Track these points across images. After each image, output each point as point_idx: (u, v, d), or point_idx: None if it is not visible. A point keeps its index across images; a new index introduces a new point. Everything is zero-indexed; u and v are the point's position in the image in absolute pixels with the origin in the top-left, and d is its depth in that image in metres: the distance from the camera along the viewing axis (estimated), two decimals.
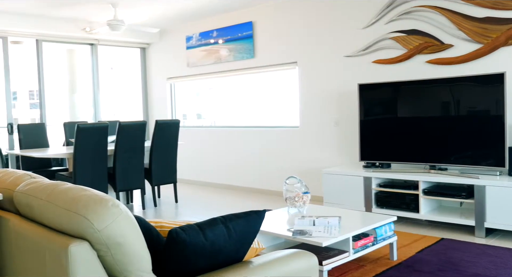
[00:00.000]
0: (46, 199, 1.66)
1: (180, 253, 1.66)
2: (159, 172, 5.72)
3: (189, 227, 1.71)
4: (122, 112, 9.10)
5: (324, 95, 5.78)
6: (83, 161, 5.00)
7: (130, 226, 1.54)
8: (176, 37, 7.73)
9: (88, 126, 5.03)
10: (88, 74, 7.90)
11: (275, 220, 3.46)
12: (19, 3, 5.88)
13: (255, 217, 1.87)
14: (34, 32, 6.82)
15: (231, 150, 6.98)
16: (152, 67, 8.28)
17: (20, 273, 1.73)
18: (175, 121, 5.79)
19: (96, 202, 1.52)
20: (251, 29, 6.51)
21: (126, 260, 1.53)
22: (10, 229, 1.78)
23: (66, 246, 1.45)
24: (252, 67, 6.60)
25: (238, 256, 1.85)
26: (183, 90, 7.99)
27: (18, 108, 9.59)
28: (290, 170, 6.21)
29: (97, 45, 7.73)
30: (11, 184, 1.97)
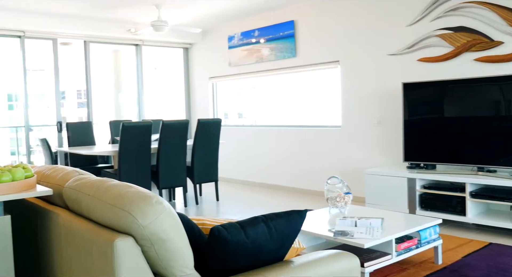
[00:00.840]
0: (93, 195, 1.71)
1: (222, 251, 1.67)
2: (200, 170, 5.79)
3: (230, 226, 1.72)
4: (165, 111, 9.26)
5: (367, 94, 5.69)
6: (128, 159, 5.13)
7: (173, 223, 1.56)
8: (218, 37, 7.80)
9: (133, 124, 5.15)
10: (132, 74, 8.08)
11: (316, 220, 3.44)
12: (68, 6, 6.09)
13: (296, 217, 1.86)
14: (82, 33, 7.04)
15: (272, 149, 6.98)
16: (194, 67, 8.39)
17: (69, 264, 1.80)
18: (216, 120, 5.85)
19: (140, 198, 1.56)
20: (293, 28, 6.49)
21: (169, 256, 1.56)
22: (60, 223, 1.85)
23: (112, 240, 1.49)
24: (293, 66, 6.58)
25: (279, 255, 1.85)
26: (225, 90, 8.05)
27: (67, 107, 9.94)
28: (331, 170, 6.15)
29: (141, 45, 7.90)
30: (61, 180, 2.05)
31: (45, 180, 2.17)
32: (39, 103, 7.88)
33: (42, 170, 2.32)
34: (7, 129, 7.68)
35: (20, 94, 6.91)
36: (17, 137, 7.36)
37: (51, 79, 7.12)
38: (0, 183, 1.84)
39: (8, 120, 8.23)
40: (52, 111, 7.22)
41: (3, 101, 8.40)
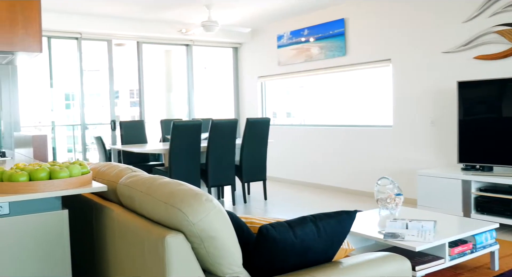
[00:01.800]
0: (145, 192, 1.75)
1: (270, 250, 1.67)
2: (249, 169, 5.82)
3: (279, 225, 1.72)
4: (215, 110, 9.38)
5: (420, 93, 5.54)
6: (178, 157, 5.23)
7: (222, 220, 1.58)
8: (267, 36, 7.82)
9: (183, 123, 5.24)
10: (183, 73, 8.24)
11: (366, 222, 3.38)
12: (122, 8, 6.28)
13: (346, 217, 1.84)
14: (135, 34, 7.24)
15: (320, 148, 6.92)
16: (243, 66, 8.45)
17: (122, 258, 1.85)
18: (265, 119, 5.86)
19: (191, 196, 1.58)
20: (343, 26, 6.41)
21: (218, 253, 1.58)
22: (114, 218, 1.91)
23: (163, 236, 1.52)
24: (343, 65, 6.49)
25: (328, 255, 1.83)
26: (274, 89, 8.06)
27: (120, 106, 10.26)
28: (381, 171, 6.03)
29: (192, 45, 8.03)
30: (115, 177, 2.11)
31: (100, 177, 2.25)
32: (94, 102, 8.18)
33: (97, 167, 2.41)
34: (64, 127, 8.01)
35: (77, 93, 7.19)
36: (74, 135, 7.66)
37: (105, 79, 7.37)
38: (58, 179, 1.92)
39: (65, 119, 8.58)
40: (106, 110, 7.47)
41: (61, 101, 8.76)
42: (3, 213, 1.82)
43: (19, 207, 1.85)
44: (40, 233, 1.89)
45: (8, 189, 1.85)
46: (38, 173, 1.91)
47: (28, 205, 1.87)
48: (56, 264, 1.93)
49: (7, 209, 1.83)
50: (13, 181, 1.86)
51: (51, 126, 7.20)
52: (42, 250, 1.89)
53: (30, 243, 1.87)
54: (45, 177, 1.92)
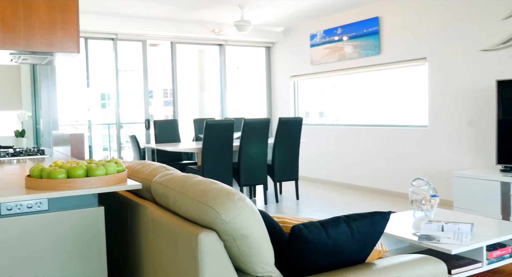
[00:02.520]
0: (179, 190, 1.77)
1: (302, 250, 1.67)
2: (281, 168, 5.82)
3: (311, 225, 1.71)
4: (247, 110, 9.41)
5: (456, 93, 5.41)
6: (211, 156, 5.27)
7: (255, 219, 1.58)
8: (300, 35, 7.78)
9: (216, 122, 5.28)
10: (216, 73, 8.29)
11: (400, 223, 3.32)
12: (156, 8, 6.37)
13: (379, 218, 1.81)
14: (169, 35, 7.33)
15: (353, 148, 6.85)
16: (276, 66, 8.44)
17: (155, 254, 1.88)
18: (297, 118, 5.84)
19: (224, 195, 1.59)
20: (377, 25, 6.32)
21: (250, 252, 1.58)
22: (148, 216, 1.94)
23: (196, 234, 1.54)
24: (377, 64, 6.40)
25: (361, 256, 1.81)
26: (306, 88, 8.02)
27: (154, 106, 10.42)
28: (415, 171, 5.91)
29: (225, 45, 8.08)
30: (149, 175, 2.14)
31: (134, 175, 2.29)
32: (129, 101, 8.33)
33: (132, 165, 2.45)
34: (100, 126, 8.19)
35: (112, 93, 7.35)
36: (109, 134, 7.82)
37: (140, 79, 7.50)
38: (95, 176, 1.97)
39: (101, 118, 8.77)
40: (140, 109, 7.60)
41: (97, 100, 8.96)
42: (42, 209, 1.88)
43: (58, 203, 1.91)
44: (77, 229, 1.94)
45: (47, 186, 1.90)
46: (76, 170, 1.96)
47: (66, 201, 1.92)
48: (92, 259, 1.97)
49: (46, 205, 1.88)
50: (52, 178, 1.92)
51: (88, 125, 7.37)
52: (79, 245, 1.94)
53: (68, 239, 1.92)
54: (82, 175, 1.96)
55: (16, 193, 1.85)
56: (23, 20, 3.17)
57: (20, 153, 3.65)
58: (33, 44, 3.23)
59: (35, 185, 1.93)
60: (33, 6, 3.19)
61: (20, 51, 3.24)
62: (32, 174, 2.00)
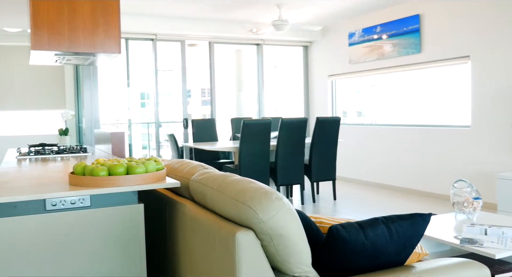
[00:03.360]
0: (217, 189, 1.78)
1: (340, 251, 1.65)
2: (318, 168, 5.78)
3: (349, 225, 1.69)
4: (284, 109, 9.40)
5: (500, 92, 5.22)
6: (248, 155, 5.29)
7: (292, 219, 1.58)
8: (338, 34, 7.71)
9: (253, 122, 5.30)
10: (253, 72, 8.32)
11: (441, 226, 3.24)
12: (195, 9, 6.44)
13: (419, 220, 1.77)
14: (207, 35, 7.41)
15: (391, 148, 6.73)
16: (313, 65, 8.39)
17: (193, 252, 1.90)
18: (335, 118, 5.79)
19: (261, 194, 1.59)
20: (418, 23, 6.18)
21: (287, 251, 1.58)
22: (186, 213, 1.97)
23: (233, 233, 1.54)
24: (418, 63, 6.27)
25: (400, 259, 1.78)
26: (344, 87, 7.93)
27: (192, 105, 10.55)
28: (457, 173, 5.75)
29: (262, 45, 8.09)
30: (188, 173, 2.17)
31: (173, 173, 2.32)
32: (167, 101, 8.47)
33: (170, 163, 2.49)
34: (140, 125, 8.36)
35: (151, 92, 7.48)
36: (148, 133, 7.97)
37: (178, 78, 7.61)
38: (135, 174, 2.01)
39: (141, 117, 8.94)
40: (179, 109, 7.71)
41: (137, 99, 9.15)
42: (85, 205, 1.93)
43: (99, 200, 1.96)
44: (117, 225, 1.98)
45: (89, 183, 1.96)
46: (117, 168, 2.01)
47: (108, 198, 1.97)
48: (132, 254, 2.02)
49: (88, 201, 1.94)
50: (94, 176, 1.97)
51: (128, 124, 7.54)
52: (120, 241, 1.99)
53: (109, 234, 1.97)
54: (123, 172, 2.01)
55: (60, 190, 1.92)
56: (67, 22, 3.27)
57: (64, 150, 3.77)
58: (76, 45, 3.33)
59: (78, 182, 1.99)
60: (77, 8, 3.28)
61: (64, 52, 3.34)
62: (75, 171, 2.06)
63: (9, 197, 1.79)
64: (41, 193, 1.85)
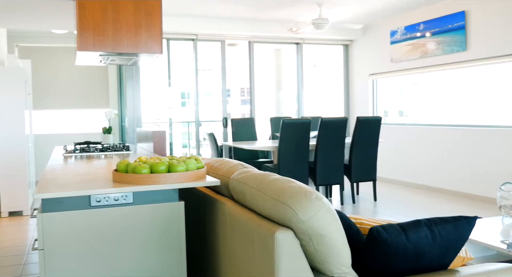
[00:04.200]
0: (256, 188, 1.79)
1: (380, 252, 1.62)
2: (358, 168, 5.70)
3: (390, 227, 1.66)
4: (324, 108, 9.32)
5: None
6: (287, 155, 5.28)
7: (332, 219, 1.56)
8: (379, 32, 7.58)
9: (292, 121, 5.28)
10: (293, 72, 8.30)
11: (486, 229, 3.14)
12: (235, 9, 6.48)
13: (464, 224, 1.72)
14: (247, 34, 7.44)
15: (434, 149, 6.56)
16: (354, 64, 8.29)
17: (232, 250, 1.92)
18: (376, 118, 5.70)
19: (301, 194, 1.58)
20: (463, 19, 6.00)
21: (326, 252, 1.56)
22: (226, 212, 1.98)
23: (272, 232, 1.55)
24: (463, 61, 6.08)
25: (443, 263, 1.73)
26: (385, 86, 7.80)
27: (231, 104, 10.62)
28: (504, 175, 5.55)
29: (302, 44, 8.06)
30: (227, 172, 2.19)
31: (213, 172, 2.34)
32: (207, 100, 8.56)
33: (210, 162, 2.51)
34: (180, 124, 8.48)
35: (192, 92, 7.58)
36: (188, 131, 8.08)
37: (218, 78, 7.67)
38: (176, 172, 2.04)
39: (181, 116, 9.08)
40: (218, 108, 7.78)
41: (177, 99, 9.29)
42: (127, 202, 1.98)
43: (141, 197, 2.00)
44: (159, 222, 2.02)
45: (132, 180, 2.01)
46: (159, 166, 2.04)
47: (149, 195, 2.01)
48: (172, 251, 2.05)
49: (131, 198, 1.98)
50: (137, 173, 2.01)
51: (169, 123, 7.66)
52: (160, 237, 2.03)
53: (150, 231, 2.01)
54: (164, 170, 2.05)
55: (104, 186, 1.97)
56: (111, 23, 3.36)
57: (108, 148, 3.88)
58: (120, 46, 3.41)
59: (121, 179, 2.04)
60: (121, 9, 3.37)
61: (108, 53, 3.44)
62: (119, 169, 2.12)
63: (56, 192, 1.86)
64: (86, 189, 1.91)
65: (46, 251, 1.87)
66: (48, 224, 1.87)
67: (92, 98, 8.24)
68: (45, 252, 1.87)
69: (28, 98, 5.96)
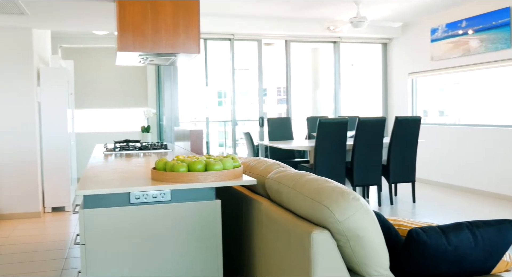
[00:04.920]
0: (293, 187, 1.78)
1: (420, 255, 1.59)
2: (397, 169, 5.60)
3: (430, 229, 1.63)
4: (361, 108, 9.21)
5: None
6: (323, 154, 5.24)
7: (369, 220, 1.54)
8: (419, 30, 7.42)
9: (329, 121, 5.24)
10: (330, 71, 8.22)
11: None
12: (272, 8, 6.48)
13: (508, 227, 1.67)
14: (284, 33, 7.42)
15: (476, 150, 6.37)
16: (393, 63, 8.14)
17: (268, 249, 1.92)
18: (415, 117, 5.58)
19: (338, 194, 1.57)
20: (508, 16, 5.79)
21: (364, 253, 1.54)
22: (262, 211, 1.98)
23: (309, 232, 1.54)
24: (508, 59, 5.88)
25: (486, 267, 1.68)
26: (425, 86, 7.62)
27: (268, 104, 10.63)
28: None
29: (339, 42, 7.97)
30: (264, 172, 2.19)
31: (249, 171, 2.35)
32: (243, 99, 8.59)
33: (247, 161, 2.52)
34: (216, 123, 8.55)
35: (228, 91, 7.63)
36: (225, 130, 8.14)
37: (255, 77, 7.69)
38: (213, 171, 2.06)
39: (218, 115, 9.15)
40: (255, 107, 7.79)
41: (214, 98, 9.37)
42: (166, 200, 2.01)
43: (179, 195, 2.03)
44: (196, 220, 2.04)
45: (170, 178, 2.04)
46: (196, 165, 2.07)
47: (187, 193, 2.04)
48: (209, 248, 2.07)
49: (169, 196, 2.01)
50: (175, 171, 2.04)
51: (205, 122, 7.74)
52: (197, 235, 2.05)
53: (187, 228, 2.04)
54: (202, 169, 2.07)
55: (143, 184, 2.01)
56: (150, 24, 3.42)
57: (146, 147, 3.95)
58: (159, 46, 3.47)
59: (160, 177, 2.08)
60: (160, 10, 3.42)
61: (147, 53, 3.50)
62: (157, 167, 2.15)
63: (97, 189, 1.91)
64: (126, 186, 1.95)
65: (87, 246, 1.92)
66: (90, 219, 1.92)
67: (131, 98, 8.42)
68: (86, 247, 1.92)
69: (71, 98, 6.14)
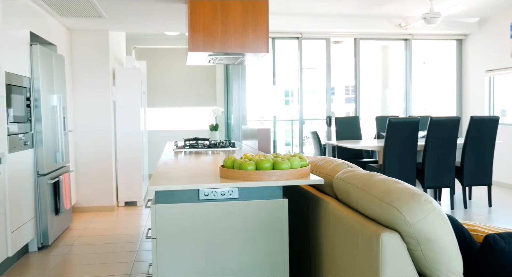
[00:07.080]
0: (361, 188, 1.75)
1: (496, 262, 1.51)
2: (471, 171, 5.35)
3: (509, 236, 1.54)
4: (433, 107, 8.87)
5: None
6: (393, 155, 5.10)
7: (442, 224, 1.49)
8: (498, 25, 7.02)
9: (399, 120, 5.09)
10: (400, 69, 7.99)
11: None
12: (341, 6, 6.39)
13: None
14: (353, 31, 7.30)
15: None
16: (468, 59, 7.77)
17: (335, 249, 1.90)
18: (493, 117, 5.30)
19: (409, 195, 1.53)
20: None
21: (436, 257, 1.49)
22: (329, 211, 1.97)
23: (378, 234, 1.51)
24: None
25: None
26: (504, 84, 7.20)
27: (335, 103, 10.51)
28: None
29: (411, 39, 7.73)
30: (331, 171, 2.17)
31: (317, 170, 2.34)
32: (311, 98, 8.54)
33: (314, 160, 2.51)
34: (283, 122, 8.57)
35: (295, 90, 7.62)
36: (292, 129, 8.13)
37: (322, 76, 7.62)
38: (281, 169, 2.07)
39: (285, 114, 9.17)
40: (322, 106, 7.73)
41: (281, 97, 9.39)
42: (233, 197, 2.05)
43: (247, 193, 2.06)
44: (263, 218, 2.06)
45: (238, 176, 2.07)
46: (264, 163, 2.09)
47: (254, 192, 2.06)
48: (276, 247, 2.08)
49: (237, 193, 2.05)
50: (243, 169, 2.07)
51: (273, 121, 7.78)
52: (264, 233, 2.07)
53: (254, 226, 2.06)
54: (269, 168, 2.08)
55: (212, 181, 2.06)
56: (220, 24, 3.49)
57: (214, 145, 4.04)
58: (228, 46, 3.53)
59: (228, 174, 2.12)
60: (229, 10, 3.49)
61: (216, 53, 3.57)
62: (225, 165, 2.20)
63: (168, 186, 1.98)
64: (195, 183, 2.01)
65: (158, 240, 2.00)
66: (161, 214, 1.99)
67: (200, 97, 8.64)
68: (157, 241, 2.00)
69: (143, 97, 6.40)
